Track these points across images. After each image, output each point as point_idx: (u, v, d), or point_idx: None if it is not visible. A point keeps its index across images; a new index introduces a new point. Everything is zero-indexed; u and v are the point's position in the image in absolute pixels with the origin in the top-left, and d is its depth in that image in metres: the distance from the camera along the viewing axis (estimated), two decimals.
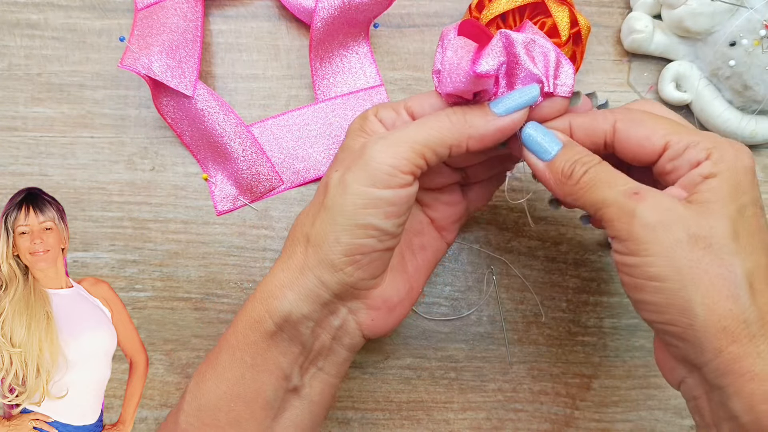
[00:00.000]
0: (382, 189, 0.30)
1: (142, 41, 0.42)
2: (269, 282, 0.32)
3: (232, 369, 0.32)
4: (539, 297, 0.44)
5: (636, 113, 0.32)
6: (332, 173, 0.31)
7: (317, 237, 0.31)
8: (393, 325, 0.35)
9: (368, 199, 0.30)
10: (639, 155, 0.31)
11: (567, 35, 0.43)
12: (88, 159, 0.44)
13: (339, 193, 0.30)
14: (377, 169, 0.30)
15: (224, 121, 0.42)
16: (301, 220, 0.33)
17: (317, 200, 0.32)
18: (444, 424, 0.43)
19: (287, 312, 0.31)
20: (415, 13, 0.46)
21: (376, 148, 0.30)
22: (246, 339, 0.32)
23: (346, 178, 0.30)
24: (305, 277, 0.31)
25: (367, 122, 0.33)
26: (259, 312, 0.32)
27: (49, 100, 0.45)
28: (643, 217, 0.28)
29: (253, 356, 0.32)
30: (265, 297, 0.32)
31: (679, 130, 0.30)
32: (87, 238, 0.44)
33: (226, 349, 0.32)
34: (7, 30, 0.45)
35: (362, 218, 0.30)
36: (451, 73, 0.31)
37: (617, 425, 0.43)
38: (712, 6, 0.41)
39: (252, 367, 0.32)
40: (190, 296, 0.44)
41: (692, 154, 0.30)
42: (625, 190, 0.29)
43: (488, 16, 0.43)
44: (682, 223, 0.28)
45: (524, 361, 0.44)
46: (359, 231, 0.30)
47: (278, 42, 0.46)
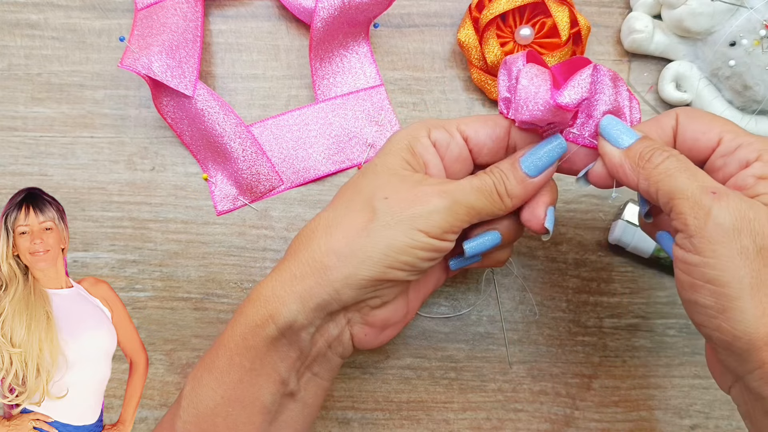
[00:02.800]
0: (434, 239, 0.31)
1: (142, 41, 0.42)
2: (275, 286, 0.32)
3: (230, 373, 0.32)
4: (539, 297, 0.44)
5: (697, 110, 0.33)
6: (379, 198, 0.31)
7: (351, 255, 0.31)
8: (381, 343, 0.35)
9: (420, 242, 0.31)
10: (694, 149, 0.31)
11: (567, 35, 0.43)
12: (88, 159, 0.44)
13: (392, 226, 0.31)
14: (437, 225, 0.31)
15: (224, 121, 0.42)
16: (324, 231, 0.32)
17: (354, 218, 0.31)
18: (444, 424, 0.43)
19: (293, 319, 0.31)
20: (415, 13, 0.46)
21: (442, 204, 0.31)
22: (245, 343, 0.32)
23: (403, 217, 0.31)
24: (321, 288, 0.31)
25: (418, 143, 0.33)
26: (261, 316, 0.31)
27: (49, 100, 0.45)
28: (718, 217, 0.27)
29: (252, 361, 0.32)
30: (269, 302, 0.31)
31: (735, 129, 0.31)
32: (87, 238, 0.44)
33: (223, 353, 0.32)
34: (7, 30, 0.45)
35: (407, 256, 0.31)
36: (527, 101, 0.31)
37: (617, 425, 0.43)
38: (712, 6, 0.41)
39: (250, 371, 0.32)
40: (190, 296, 0.44)
41: (743, 153, 0.30)
42: (704, 186, 0.28)
43: (488, 16, 0.43)
44: (751, 231, 0.27)
45: (524, 361, 0.44)
46: (398, 264, 0.31)
47: (278, 42, 0.46)
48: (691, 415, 0.43)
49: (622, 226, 0.42)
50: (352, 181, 0.34)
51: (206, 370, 0.33)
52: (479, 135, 0.34)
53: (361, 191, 0.33)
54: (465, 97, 0.46)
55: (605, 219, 0.44)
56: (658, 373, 0.43)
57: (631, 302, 0.44)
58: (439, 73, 0.46)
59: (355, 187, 0.33)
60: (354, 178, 0.34)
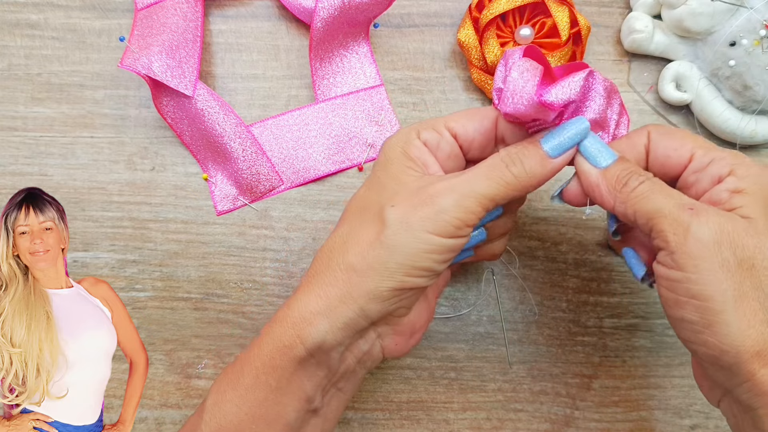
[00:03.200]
0: (448, 238, 0.31)
1: (142, 41, 0.42)
2: (302, 307, 0.31)
3: (255, 391, 0.32)
4: (539, 297, 0.44)
5: (667, 127, 0.33)
6: (388, 207, 0.31)
7: (368, 269, 0.31)
8: (411, 347, 0.35)
9: (433, 245, 0.30)
10: (666, 165, 0.31)
11: (567, 35, 0.43)
12: (88, 159, 0.44)
13: (402, 233, 0.30)
14: (448, 222, 0.30)
15: (224, 121, 0.42)
16: (339, 246, 0.32)
17: (366, 230, 0.31)
18: (444, 424, 0.43)
19: (321, 340, 0.31)
20: (415, 13, 0.46)
21: (449, 201, 0.30)
22: (272, 362, 0.31)
23: (413, 221, 0.30)
24: (346, 306, 0.31)
25: (412, 147, 0.33)
26: (290, 337, 0.31)
27: (49, 100, 0.45)
28: (697, 232, 0.28)
29: (279, 380, 0.31)
30: (297, 322, 0.31)
31: (706, 145, 0.31)
32: (87, 238, 0.44)
33: (249, 371, 0.32)
34: (7, 30, 0.45)
35: (423, 261, 0.30)
36: (514, 94, 0.31)
37: (617, 425, 0.43)
38: (712, 6, 0.41)
39: (276, 390, 0.32)
40: (190, 296, 0.44)
41: (715, 168, 0.30)
42: (681, 203, 0.29)
43: (488, 16, 0.43)
44: (731, 244, 0.28)
45: (524, 361, 0.44)
46: (416, 271, 0.31)
47: (278, 42, 0.46)
48: (691, 415, 0.43)
49: None
50: (359, 195, 0.34)
51: (230, 386, 0.32)
52: (467, 130, 0.33)
53: (370, 204, 0.32)
54: (465, 97, 0.46)
55: (605, 219, 0.44)
56: (658, 373, 0.43)
57: (631, 302, 0.44)
58: (439, 73, 0.46)
59: (363, 201, 0.33)
60: (361, 193, 0.34)
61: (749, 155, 0.45)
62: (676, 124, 0.45)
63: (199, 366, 0.43)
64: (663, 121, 0.45)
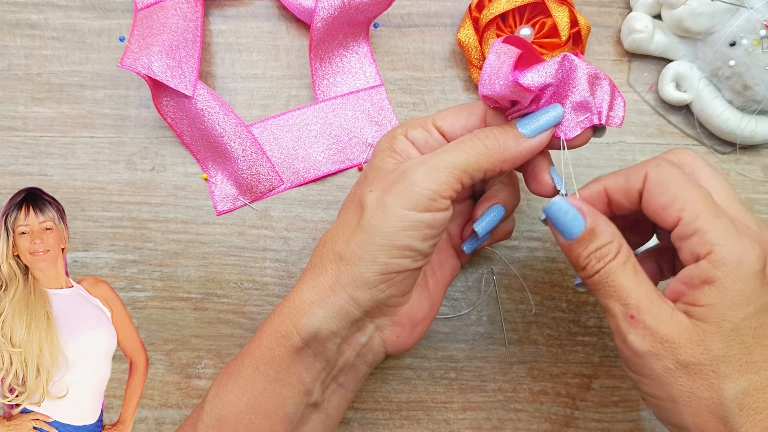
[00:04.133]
0: (423, 212, 0.30)
1: (142, 41, 0.42)
2: (297, 298, 0.32)
3: (254, 382, 0.32)
4: (539, 297, 0.44)
5: (669, 173, 0.30)
6: (366, 193, 0.31)
7: (352, 255, 0.31)
8: (415, 341, 0.35)
9: (409, 221, 0.30)
10: (657, 220, 0.30)
11: (567, 35, 0.43)
12: (88, 159, 0.44)
13: (378, 214, 0.30)
14: (419, 194, 0.30)
15: (224, 121, 0.42)
16: (329, 237, 0.33)
17: (350, 219, 0.32)
18: (444, 424, 0.43)
19: (316, 329, 0.31)
20: (415, 13, 0.46)
21: (418, 173, 0.30)
22: (271, 353, 0.32)
23: (387, 200, 0.30)
24: (337, 295, 0.31)
25: (397, 142, 0.33)
26: (286, 327, 0.32)
27: (49, 100, 0.45)
28: (633, 344, 0.29)
29: (277, 370, 0.32)
30: (293, 312, 0.32)
31: (697, 207, 0.29)
32: (87, 238, 0.44)
33: (249, 362, 0.32)
34: (7, 30, 0.45)
35: (401, 240, 0.30)
36: (490, 75, 0.31)
37: (617, 425, 0.43)
38: (712, 6, 0.41)
39: (275, 381, 0.32)
40: (190, 296, 0.44)
41: (695, 243, 0.28)
42: (623, 310, 0.29)
43: (488, 16, 0.43)
44: (672, 352, 0.28)
45: (524, 361, 0.44)
46: (397, 251, 0.30)
47: (278, 42, 0.46)
48: None
49: None
50: (351, 192, 0.35)
51: (231, 377, 0.33)
52: (455, 127, 0.34)
53: (355, 195, 0.33)
54: (465, 97, 0.46)
55: None
56: None
57: None
58: (439, 73, 0.46)
59: (351, 195, 0.34)
60: (352, 190, 0.35)
61: (749, 155, 0.45)
62: (676, 124, 0.45)
63: (199, 366, 0.43)
64: (663, 122, 0.45)
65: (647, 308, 0.29)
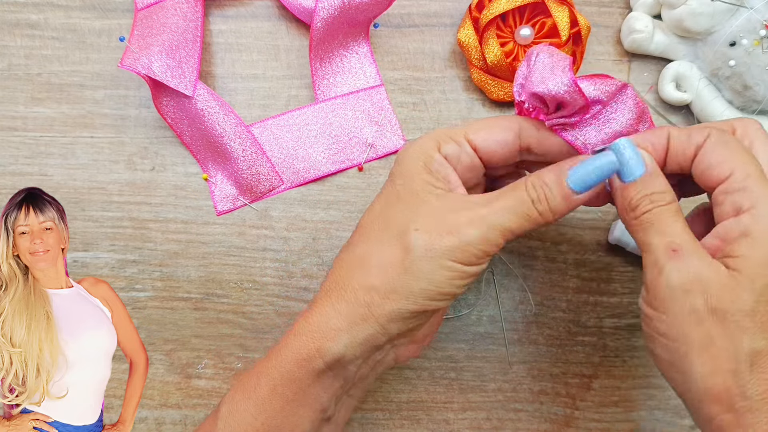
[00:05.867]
0: (470, 266, 0.31)
1: (142, 41, 0.42)
2: (322, 322, 0.32)
3: (272, 402, 0.32)
4: (539, 297, 0.44)
5: (731, 138, 0.31)
6: (411, 231, 0.31)
7: (391, 293, 0.31)
8: (421, 351, 0.36)
9: (457, 272, 0.31)
10: (705, 176, 0.31)
11: (567, 35, 0.43)
12: (88, 159, 0.44)
13: (427, 260, 0.30)
14: (472, 253, 0.31)
15: (224, 121, 0.42)
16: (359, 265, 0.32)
17: (387, 253, 0.31)
18: (444, 424, 0.43)
19: (341, 355, 0.31)
20: (415, 13, 0.46)
21: (474, 233, 0.30)
22: (291, 375, 0.32)
23: (437, 248, 0.30)
24: (367, 324, 0.31)
25: (433, 162, 0.33)
26: (309, 350, 0.31)
27: (49, 100, 0.45)
28: (668, 276, 0.29)
29: (296, 392, 0.32)
30: (317, 337, 0.31)
31: (749, 169, 0.29)
32: (87, 238, 0.44)
33: (266, 381, 0.32)
34: (7, 30, 0.45)
35: (446, 288, 0.31)
36: (543, 73, 0.31)
37: (617, 425, 0.43)
38: (712, 6, 0.41)
39: (293, 401, 0.32)
40: (190, 296, 0.44)
41: (738, 198, 0.29)
42: (668, 243, 0.29)
43: (488, 16, 0.43)
44: (704, 292, 0.28)
45: (524, 361, 0.44)
46: (439, 296, 0.31)
47: (278, 42, 0.46)
48: None
49: (622, 226, 0.42)
50: (378, 210, 0.33)
51: (245, 396, 0.33)
52: (488, 143, 0.33)
53: (390, 223, 0.32)
54: (465, 97, 0.46)
55: (605, 219, 0.44)
56: (658, 373, 0.43)
57: (631, 302, 0.44)
58: (439, 73, 0.46)
59: (383, 218, 0.33)
60: (379, 207, 0.33)
61: None
62: (676, 124, 0.45)
63: (199, 366, 0.43)
64: (663, 122, 0.45)
65: (691, 247, 0.29)
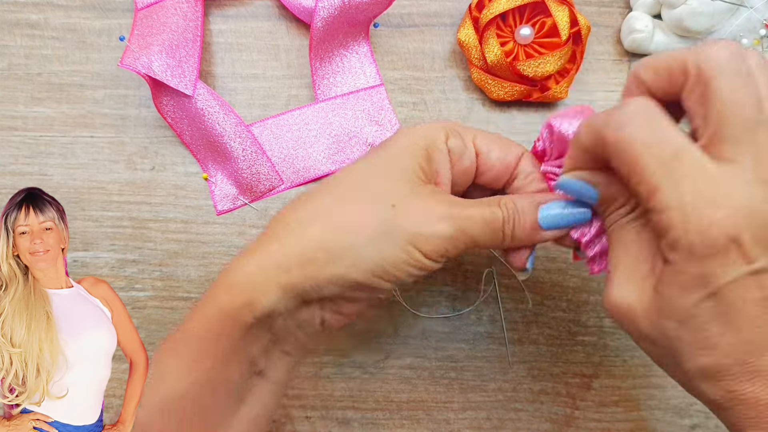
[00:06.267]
0: (430, 260, 0.30)
1: (142, 41, 0.42)
2: (252, 273, 0.30)
3: (201, 360, 0.30)
4: (539, 297, 0.44)
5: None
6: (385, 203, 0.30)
7: (341, 254, 0.30)
8: (346, 325, 0.34)
9: (414, 260, 0.30)
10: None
11: (567, 35, 0.43)
12: (88, 159, 0.44)
13: (391, 238, 0.30)
14: (435, 247, 0.30)
15: (224, 121, 0.42)
16: (310, 213, 0.31)
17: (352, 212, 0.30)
18: (444, 424, 0.43)
19: (271, 309, 0.30)
20: (415, 13, 0.46)
21: (447, 230, 0.30)
22: (218, 329, 0.30)
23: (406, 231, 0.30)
24: (305, 281, 0.30)
25: (437, 151, 0.32)
26: (238, 304, 0.30)
27: (49, 100, 0.45)
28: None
29: (225, 347, 0.30)
30: (245, 289, 0.30)
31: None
32: (87, 238, 0.44)
33: (193, 339, 0.31)
34: (7, 30, 0.45)
35: (398, 271, 0.30)
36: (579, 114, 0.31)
37: (618, 425, 0.43)
38: (712, 5, 0.41)
39: (222, 358, 0.30)
40: (190, 296, 0.44)
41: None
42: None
43: (488, 15, 0.43)
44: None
45: (524, 361, 0.44)
46: (387, 276, 0.30)
47: (278, 42, 0.46)
48: (691, 415, 0.43)
49: None
50: (359, 168, 0.32)
51: (173, 356, 0.31)
52: (491, 155, 0.33)
53: (367, 187, 0.31)
54: (465, 97, 0.46)
55: None
56: (659, 373, 0.43)
57: None
58: (439, 72, 0.46)
59: (361, 178, 0.32)
60: (362, 167, 0.32)
61: None
62: None
63: None
64: None
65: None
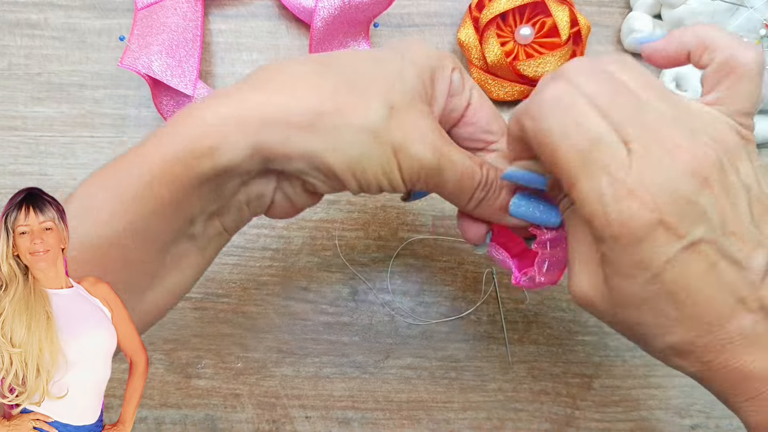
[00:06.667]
0: (400, 181, 0.29)
1: (142, 41, 0.42)
2: (225, 115, 0.26)
3: (143, 202, 0.27)
4: (539, 297, 0.44)
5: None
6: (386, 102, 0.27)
7: (327, 132, 0.27)
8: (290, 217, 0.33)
9: (388, 175, 0.28)
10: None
11: (567, 35, 0.43)
12: (88, 159, 0.44)
13: (379, 138, 0.27)
14: (411, 172, 0.28)
15: None
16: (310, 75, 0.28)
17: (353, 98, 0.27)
18: (444, 424, 0.43)
19: (234, 165, 0.27)
20: (415, 13, 0.46)
21: (425, 159, 0.28)
22: (173, 170, 0.26)
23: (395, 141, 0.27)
24: (281, 146, 0.27)
25: (442, 76, 0.30)
26: (201, 146, 0.26)
27: (49, 100, 0.45)
28: None
29: (172, 193, 0.27)
30: (212, 131, 0.26)
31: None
32: None
33: (141, 176, 0.27)
34: (7, 30, 0.45)
35: (371, 176, 0.28)
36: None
37: (618, 425, 0.43)
38: (713, 5, 0.41)
39: (168, 205, 0.27)
40: (190, 296, 0.43)
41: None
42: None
43: (488, 15, 0.43)
44: None
45: (524, 361, 0.44)
46: (361, 176, 0.28)
47: (278, 42, 0.46)
48: (691, 415, 0.43)
49: None
50: (369, 57, 0.30)
51: (110, 191, 0.27)
52: (479, 113, 0.32)
53: (372, 78, 0.28)
54: None
55: None
56: (659, 373, 0.43)
57: None
58: None
59: (367, 67, 0.29)
60: (379, 56, 0.30)
61: None
62: None
63: (199, 366, 0.43)
64: None
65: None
